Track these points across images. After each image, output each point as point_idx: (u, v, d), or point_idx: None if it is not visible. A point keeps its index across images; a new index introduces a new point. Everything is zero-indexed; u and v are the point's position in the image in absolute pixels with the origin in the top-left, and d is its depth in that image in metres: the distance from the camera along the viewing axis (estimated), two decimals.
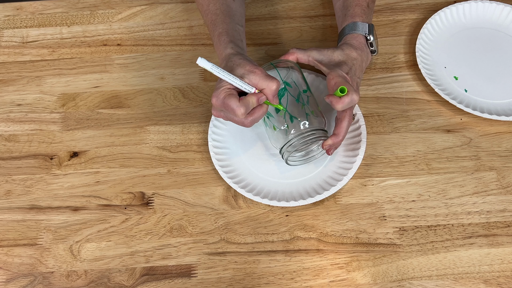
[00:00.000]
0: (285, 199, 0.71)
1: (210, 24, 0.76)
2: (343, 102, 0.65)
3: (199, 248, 0.70)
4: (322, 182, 0.73)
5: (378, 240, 0.70)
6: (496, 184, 0.74)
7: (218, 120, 0.78)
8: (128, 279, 0.68)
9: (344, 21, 0.77)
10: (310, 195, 0.72)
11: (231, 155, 0.76)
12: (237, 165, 0.75)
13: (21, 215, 0.74)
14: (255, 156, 0.76)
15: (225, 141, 0.77)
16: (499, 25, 0.88)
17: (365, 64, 0.75)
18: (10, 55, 0.89)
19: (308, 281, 0.67)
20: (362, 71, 0.74)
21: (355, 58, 0.72)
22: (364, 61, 0.74)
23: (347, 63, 0.71)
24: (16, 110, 0.83)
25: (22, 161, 0.78)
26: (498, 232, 0.70)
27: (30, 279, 0.69)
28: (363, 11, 0.76)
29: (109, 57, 0.88)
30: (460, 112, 0.80)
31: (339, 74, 0.68)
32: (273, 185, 0.74)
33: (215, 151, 0.75)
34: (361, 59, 0.73)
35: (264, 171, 0.75)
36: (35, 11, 0.94)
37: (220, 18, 0.74)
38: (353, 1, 0.77)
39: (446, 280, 0.67)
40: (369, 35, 0.74)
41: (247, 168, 0.75)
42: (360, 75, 0.73)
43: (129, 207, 0.74)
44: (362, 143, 0.74)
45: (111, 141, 0.79)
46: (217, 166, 0.74)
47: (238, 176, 0.74)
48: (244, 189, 0.72)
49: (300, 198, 0.71)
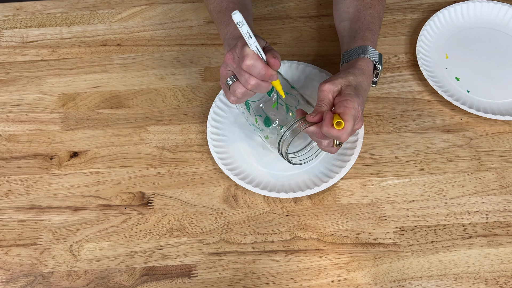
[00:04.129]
0: (284, 191, 0.72)
1: (224, 9, 0.74)
2: (346, 130, 0.62)
3: (199, 248, 0.70)
4: (320, 174, 0.74)
5: (378, 240, 0.70)
6: (496, 184, 0.74)
7: (217, 114, 0.79)
8: (128, 279, 0.68)
9: (353, 43, 0.74)
10: (309, 187, 0.72)
11: (229, 146, 0.77)
12: (237, 157, 0.76)
13: (21, 215, 0.74)
14: (254, 148, 0.77)
15: (224, 131, 0.78)
16: (499, 24, 0.88)
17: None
18: (10, 55, 0.89)
19: (308, 281, 0.67)
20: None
21: (366, 86, 0.70)
22: (369, 87, 0.72)
23: (359, 90, 0.67)
24: (16, 110, 0.83)
25: (22, 161, 0.78)
26: (498, 232, 0.70)
27: (30, 279, 0.69)
28: (373, 36, 0.74)
29: (109, 57, 0.88)
30: (460, 112, 0.80)
31: (355, 107, 0.63)
32: (272, 177, 0.74)
33: (214, 144, 0.76)
34: (368, 85, 0.71)
35: (265, 163, 0.76)
36: (35, 11, 0.94)
37: (238, 8, 0.73)
38: (362, 24, 0.75)
39: (446, 280, 0.67)
40: (379, 64, 0.72)
41: (246, 161, 0.76)
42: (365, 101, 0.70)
43: (129, 207, 0.74)
44: (359, 134, 0.75)
45: (111, 141, 0.79)
46: (216, 159, 0.74)
47: (238, 168, 0.75)
48: (243, 180, 0.72)
49: (298, 190, 0.72)
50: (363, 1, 0.77)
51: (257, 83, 0.63)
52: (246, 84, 0.63)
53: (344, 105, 0.63)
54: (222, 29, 0.74)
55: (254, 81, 0.63)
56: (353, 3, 0.77)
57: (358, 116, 0.64)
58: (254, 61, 0.61)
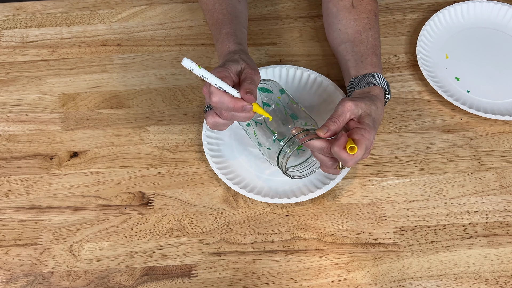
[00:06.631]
0: (287, 196, 0.71)
1: (216, 22, 0.75)
2: (356, 157, 0.61)
3: (199, 248, 0.70)
4: (322, 177, 0.73)
5: (378, 240, 0.70)
6: (496, 184, 0.74)
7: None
8: (128, 279, 0.68)
9: (362, 68, 0.73)
10: (311, 190, 0.72)
11: (227, 156, 0.76)
12: (235, 166, 0.75)
13: (21, 215, 0.74)
14: (251, 155, 0.76)
15: (220, 143, 0.77)
16: (499, 24, 0.88)
17: None
18: (10, 55, 0.89)
19: (308, 281, 0.67)
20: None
21: (380, 120, 0.69)
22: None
23: (376, 123, 0.67)
24: (16, 110, 0.83)
25: (22, 161, 0.78)
26: (498, 232, 0.70)
27: (30, 279, 0.69)
28: (379, 61, 0.74)
29: (109, 57, 0.88)
30: (460, 112, 0.80)
31: (370, 139, 0.63)
32: (274, 183, 0.74)
33: (211, 154, 0.75)
34: (381, 118, 0.70)
35: (264, 169, 0.75)
36: (35, 11, 0.94)
37: (228, 18, 0.74)
38: (367, 48, 0.75)
39: (446, 280, 0.67)
40: (388, 94, 0.72)
41: (245, 168, 0.75)
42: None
43: (129, 207, 0.74)
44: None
45: (111, 141, 0.79)
46: (214, 168, 0.74)
47: (237, 177, 0.74)
48: (244, 189, 0.72)
49: (301, 194, 0.72)
50: (361, 21, 0.76)
51: (231, 115, 0.64)
52: (221, 116, 0.64)
53: (361, 133, 0.62)
54: (215, 43, 0.75)
55: (226, 113, 0.63)
56: (351, 23, 0.77)
57: (369, 148, 0.64)
58: (219, 97, 0.61)
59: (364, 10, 0.77)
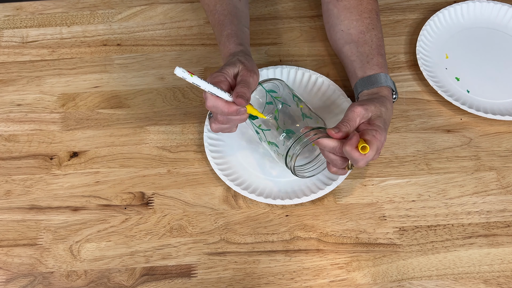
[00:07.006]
0: (289, 197, 0.71)
1: (217, 24, 0.75)
2: (367, 157, 0.62)
3: (199, 248, 0.70)
4: (323, 178, 0.73)
5: (378, 240, 0.70)
6: (496, 184, 0.74)
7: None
8: (128, 279, 0.68)
9: (368, 69, 0.73)
10: (313, 191, 0.72)
11: (228, 157, 0.76)
12: (236, 167, 0.75)
13: (21, 215, 0.74)
14: (252, 156, 0.76)
15: (221, 144, 0.77)
16: (499, 24, 0.88)
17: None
18: (10, 55, 0.89)
19: (308, 281, 0.67)
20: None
21: (390, 115, 0.70)
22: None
23: (386, 124, 0.67)
24: (16, 110, 0.83)
25: (22, 161, 0.78)
26: (498, 232, 0.70)
27: (30, 279, 0.69)
28: (384, 61, 0.74)
29: (109, 57, 0.88)
30: (460, 112, 0.80)
31: (381, 141, 0.64)
32: (273, 184, 0.74)
33: (212, 155, 0.75)
34: (391, 119, 0.71)
35: (264, 170, 0.75)
36: (35, 11, 0.94)
37: (228, 19, 0.74)
38: (371, 48, 0.75)
39: (446, 280, 0.67)
40: (395, 94, 0.73)
41: (245, 169, 0.75)
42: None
43: (129, 207, 0.74)
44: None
45: (111, 141, 0.79)
46: (215, 168, 0.74)
47: (239, 178, 0.74)
48: (246, 190, 0.72)
49: (303, 195, 0.71)
50: (363, 21, 0.76)
51: (226, 119, 0.65)
52: (217, 120, 0.66)
53: (373, 134, 0.63)
54: (218, 45, 0.76)
55: (221, 118, 0.65)
56: (353, 24, 0.77)
57: (380, 149, 0.64)
58: (213, 102, 0.63)
59: (365, 10, 0.77)
